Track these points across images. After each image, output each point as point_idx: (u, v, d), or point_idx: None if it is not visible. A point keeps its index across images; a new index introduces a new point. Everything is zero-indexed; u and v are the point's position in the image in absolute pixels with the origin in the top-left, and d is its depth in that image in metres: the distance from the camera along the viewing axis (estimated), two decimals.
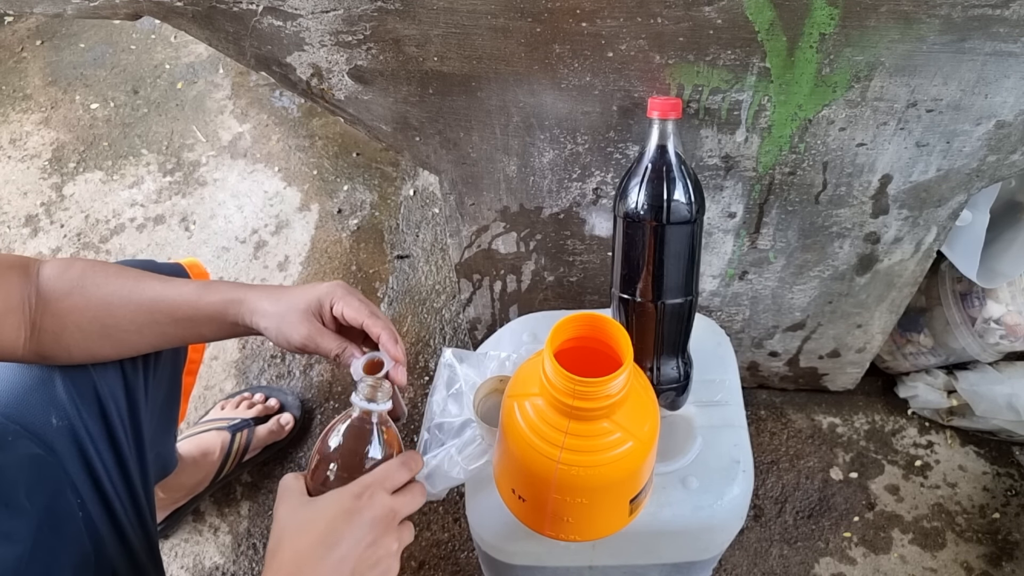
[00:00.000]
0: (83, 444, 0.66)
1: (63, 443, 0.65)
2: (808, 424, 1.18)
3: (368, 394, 0.56)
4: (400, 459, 0.56)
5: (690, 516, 0.71)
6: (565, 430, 0.58)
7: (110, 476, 0.67)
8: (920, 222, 0.86)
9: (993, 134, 0.74)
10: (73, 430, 0.65)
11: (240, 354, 1.30)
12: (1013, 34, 0.65)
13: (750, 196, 0.84)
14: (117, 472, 0.68)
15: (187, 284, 0.67)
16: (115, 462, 0.68)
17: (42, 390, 0.65)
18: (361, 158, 1.60)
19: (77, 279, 0.63)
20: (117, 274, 0.66)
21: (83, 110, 1.72)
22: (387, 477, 0.54)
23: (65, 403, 0.65)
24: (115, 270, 0.66)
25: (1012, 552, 1.06)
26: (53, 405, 0.65)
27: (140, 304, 0.65)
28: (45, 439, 0.64)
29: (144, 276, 0.67)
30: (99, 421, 0.67)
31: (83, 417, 0.66)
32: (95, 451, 0.66)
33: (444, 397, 0.78)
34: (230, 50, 0.75)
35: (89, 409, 0.67)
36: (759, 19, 0.66)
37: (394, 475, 0.55)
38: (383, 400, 0.56)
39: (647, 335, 0.71)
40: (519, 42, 0.70)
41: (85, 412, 0.66)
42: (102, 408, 0.68)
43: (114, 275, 0.65)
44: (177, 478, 1.02)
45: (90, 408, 0.67)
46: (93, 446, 0.66)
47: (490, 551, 0.74)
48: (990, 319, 1.00)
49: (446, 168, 0.86)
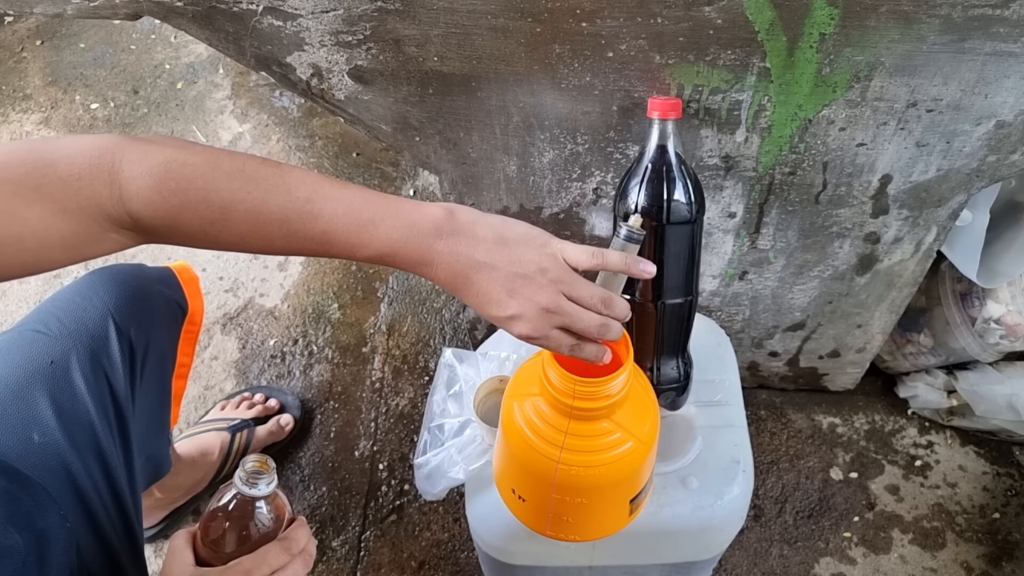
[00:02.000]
0: (66, 459, 0.64)
1: (46, 460, 0.63)
2: (808, 424, 1.18)
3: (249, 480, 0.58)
4: (280, 545, 0.59)
5: (690, 516, 0.71)
6: (565, 430, 0.58)
7: (96, 487, 0.66)
8: (920, 222, 0.86)
9: (993, 134, 0.74)
10: (56, 446, 0.63)
11: (240, 354, 1.30)
12: (1013, 34, 0.65)
13: (750, 196, 0.85)
14: (104, 482, 0.67)
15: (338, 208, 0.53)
16: (102, 473, 0.67)
17: (22, 408, 0.63)
18: (361, 158, 1.60)
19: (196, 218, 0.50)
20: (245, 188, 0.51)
21: (83, 110, 1.72)
22: (264, 562, 0.58)
23: (48, 419, 0.64)
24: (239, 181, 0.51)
25: (1012, 552, 1.06)
26: (35, 422, 0.63)
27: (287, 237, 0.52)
28: (24, 460, 0.61)
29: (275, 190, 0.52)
30: (85, 432, 0.65)
31: (68, 431, 0.64)
32: (80, 465, 0.64)
33: (444, 397, 0.79)
34: (230, 50, 0.75)
35: (74, 423, 0.65)
36: (759, 19, 0.66)
37: (272, 559, 0.58)
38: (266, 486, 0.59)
39: (647, 335, 0.72)
40: (519, 42, 0.70)
41: (71, 425, 0.65)
42: (88, 420, 0.66)
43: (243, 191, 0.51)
44: (176, 478, 1.02)
45: (75, 421, 0.65)
46: (79, 459, 0.64)
47: (490, 551, 0.74)
48: (990, 319, 1.00)
49: (446, 168, 0.86)
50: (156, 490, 1.02)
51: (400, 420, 1.20)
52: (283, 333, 1.33)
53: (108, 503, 0.67)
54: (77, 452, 0.64)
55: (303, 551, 0.61)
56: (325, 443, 1.19)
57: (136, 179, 0.48)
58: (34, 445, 0.63)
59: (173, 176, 0.49)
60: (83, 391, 0.66)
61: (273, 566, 0.58)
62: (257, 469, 0.58)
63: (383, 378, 1.26)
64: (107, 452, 0.67)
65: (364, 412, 1.22)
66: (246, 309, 1.36)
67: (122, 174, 0.48)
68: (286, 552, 0.59)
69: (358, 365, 1.28)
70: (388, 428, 1.20)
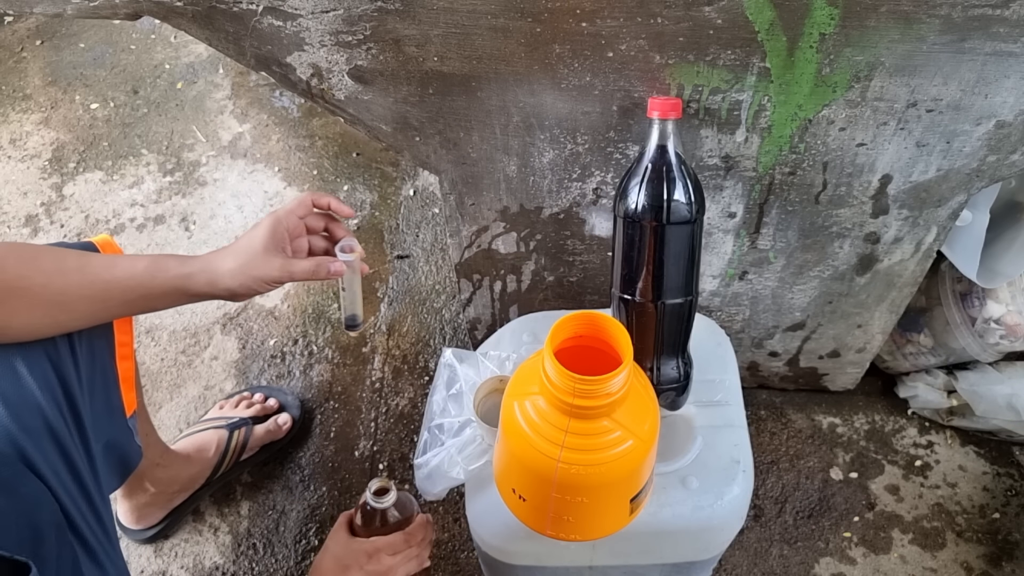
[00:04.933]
0: (20, 444, 0.63)
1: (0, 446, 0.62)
2: (808, 424, 1.18)
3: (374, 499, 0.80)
4: (404, 533, 0.81)
5: (690, 516, 0.71)
6: (565, 429, 0.58)
7: (55, 470, 0.65)
8: (920, 222, 0.86)
9: (993, 134, 0.74)
10: (7, 432, 0.62)
11: (240, 354, 1.30)
12: (1013, 34, 0.65)
13: (750, 196, 0.85)
14: (62, 464, 0.66)
15: (136, 263, 0.69)
16: (59, 455, 0.66)
17: None
18: (361, 158, 1.60)
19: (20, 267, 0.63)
20: (61, 258, 0.66)
21: (83, 110, 1.72)
22: (391, 545, 0.80)
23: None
24: (57, 254, 0.66)
25: (1012, 552, 1.06)
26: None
27: (92, 289, 0.66)
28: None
29: (88, 257, 0.67)
30: (34, 416, 0.65)
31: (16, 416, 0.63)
32: (36, 449, 0.64)
33: (444, 397, 0.78)
34: (230, 50, 0.75)
35: (22, 407, 0.64)
36: (759, 19, 0.66)
37: (396, 542, 0.80)
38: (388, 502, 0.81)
39: (647, 335, 0.72)
40: (519, 42, 0.70)
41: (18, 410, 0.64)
42: (35, 402, 0.65)
43: (59, 259, 0.65)
44: (168, 472, 1.02)
45: (23, 406, 0.64)
46: (33, 445, 0.63)
47: (490, 551, 0.74)
48: (990, 319, 1.00)
49: (446, 168, 0.86)
50: (148, 484, 1.02)
51: (400, 420, 1.20)
52: (283, 333, 1.33)
53: (70, 486, 0.66)
54: (30, 437, 0.63)
55: (422, 539, 0.83)
56: (325, 443, 1.19)
57: None
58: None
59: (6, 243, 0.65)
60: (25, 373, 0.65)
61: (396, 547, 0.80)
62: (380, 487, 0.80)
63: (383, 378, 1.26)
64: (60, 434, 0.66)
65: (364, 412, 1.22)
66: (246, 309, 1.36)
67: None
68: (407, 538, 0.81)
69: (358, 365, 1.28)
70: (388, 428, 1.20)
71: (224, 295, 0.72)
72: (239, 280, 0.71)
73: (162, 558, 1.09)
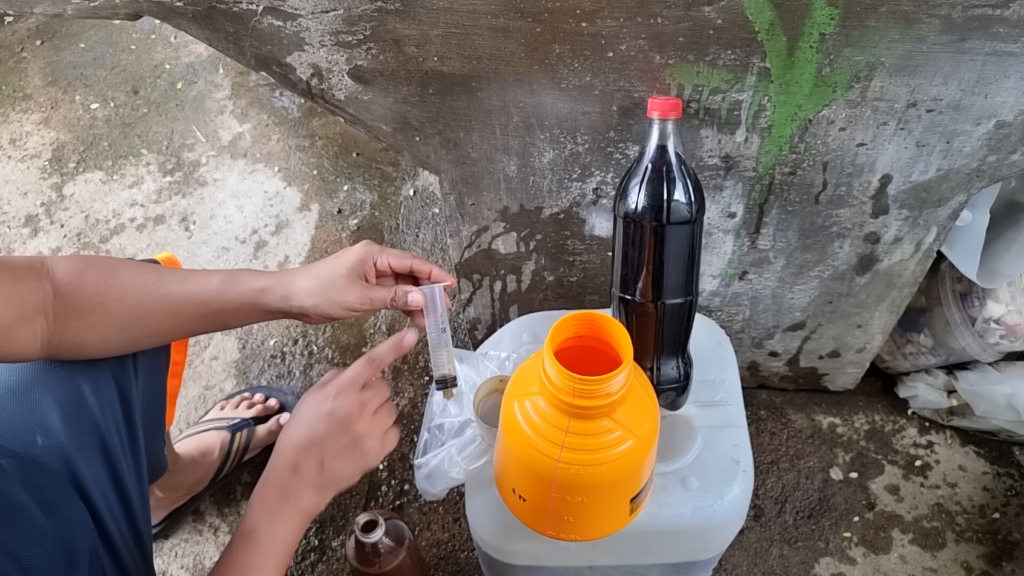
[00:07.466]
0: (72, 460, 0.63)
1: (50, 462, 0.62)
2: (808, 424, 1.18)
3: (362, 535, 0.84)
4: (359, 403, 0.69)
5: (690, 516, 0.71)
6: (565, 429, 0.58)
7: (102, 490, 0.65)
8: (920, 222, 0.86)
9: (993, 134, 0.74)
10: (62, 448, 0.63)
11: (240, 354, 1.30)
12: (1013, 34, 0.65)
13: (750, 196, 0.85)
14: (110, 484, 0.66)
15: (210, 278, 0.68)
16: (108, 475, 0.66)
17: (24, 410, 0.63)
18: (361, 158, 1.60)
19: (99, 283, 0.63)
20: (137, 271, 0.65)
21: (83, 110, 1.72)
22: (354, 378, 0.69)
23: (51, 421, 0.63)
24: (133, 268, 0.66)
25: (1012, 552, 1.06)
26: (37, 425, 0.63)
27: (166, 303, 0.66)
28: (29, 458, 0.61)
29: (163, 272, 0.67)
30: (91, 435, 0.65)
31: (73, 434, 0.64)
32: (87, 467, 0.64)
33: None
34: (230, 50, 0.75)
35: (79, 425, 0.64)
36: (759, 19, 0.66)
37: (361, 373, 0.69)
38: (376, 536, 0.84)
39: (647, 335, 0.72)
40: (519, 42, 0.70)
41: (74, 428, 0.64)
42: (94, 422, 0.65)
43: (134, 273, 0.65)
44: (176, 477, 1.02)
45: (81, 423, 0.64)
46: (85, 462, 0.64)
47: (490, 551, 0.74)
48: (990, 319, 1.00)
49: (446, 168, 0.86)
50: (157, 489, 1.02)
51: (400, 420, 1.20)
52: (283, 333, 1.33)
53: (115, 506, 0.66)
54: (84, 455, 0.64)
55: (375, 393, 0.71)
56: None
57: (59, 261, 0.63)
58: (37, 448, 0.62)
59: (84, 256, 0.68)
60: (88, 392, 0.66)
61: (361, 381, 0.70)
62: (368, 521, 0.83)
63: (383, 378, 1.26)
64: (114, 454, 0.67)
65: None
66: None
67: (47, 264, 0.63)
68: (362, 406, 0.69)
69: None
70: None
71: (296, 313, 0.70)
72: (314, 300, 0.68)
73: (162, 558, 1.09)
